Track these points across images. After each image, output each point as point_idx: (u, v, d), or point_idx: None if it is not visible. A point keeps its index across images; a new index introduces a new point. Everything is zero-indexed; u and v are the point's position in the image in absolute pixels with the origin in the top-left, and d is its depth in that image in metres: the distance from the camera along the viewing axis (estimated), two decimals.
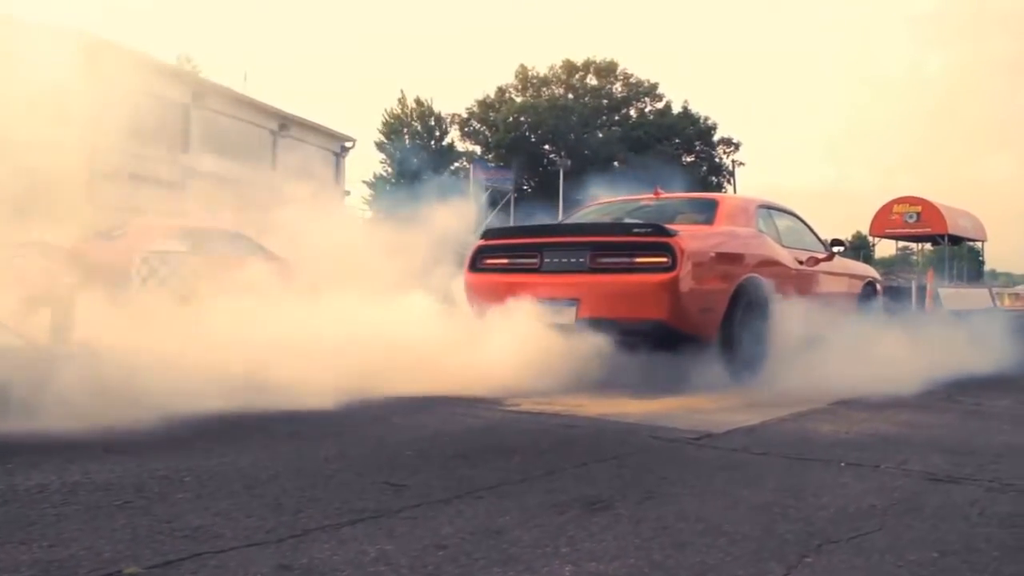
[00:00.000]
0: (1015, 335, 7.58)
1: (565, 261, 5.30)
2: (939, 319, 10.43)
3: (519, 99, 47.01)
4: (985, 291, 18.39)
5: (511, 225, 16.94)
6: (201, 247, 7.90)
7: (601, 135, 46.43)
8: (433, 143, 43.76)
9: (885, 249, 36.39)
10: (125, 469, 2.58)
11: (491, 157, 43.31)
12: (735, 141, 49.24)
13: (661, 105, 48.93)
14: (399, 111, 44.55)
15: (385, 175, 42.20)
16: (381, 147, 43.39)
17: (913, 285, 13.07)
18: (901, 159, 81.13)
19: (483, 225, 9.67)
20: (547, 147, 45.74)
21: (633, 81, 48.89)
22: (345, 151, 26.96)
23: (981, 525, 2.24)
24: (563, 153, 42.47)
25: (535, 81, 47.85)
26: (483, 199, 26.37)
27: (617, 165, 40.41)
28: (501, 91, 47.50)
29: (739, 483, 2.64)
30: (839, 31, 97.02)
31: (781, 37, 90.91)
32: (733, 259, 5.44)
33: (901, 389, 4.78)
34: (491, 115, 46.34)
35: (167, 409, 3.29)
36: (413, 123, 44.78)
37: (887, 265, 28.17)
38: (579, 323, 4.95)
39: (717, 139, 49.42)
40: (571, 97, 47.76)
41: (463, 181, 32.18)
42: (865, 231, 33.45)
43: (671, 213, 5.99)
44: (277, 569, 1.76)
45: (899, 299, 10.84)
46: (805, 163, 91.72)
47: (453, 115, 46.49)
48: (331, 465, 2.76)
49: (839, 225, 55.62)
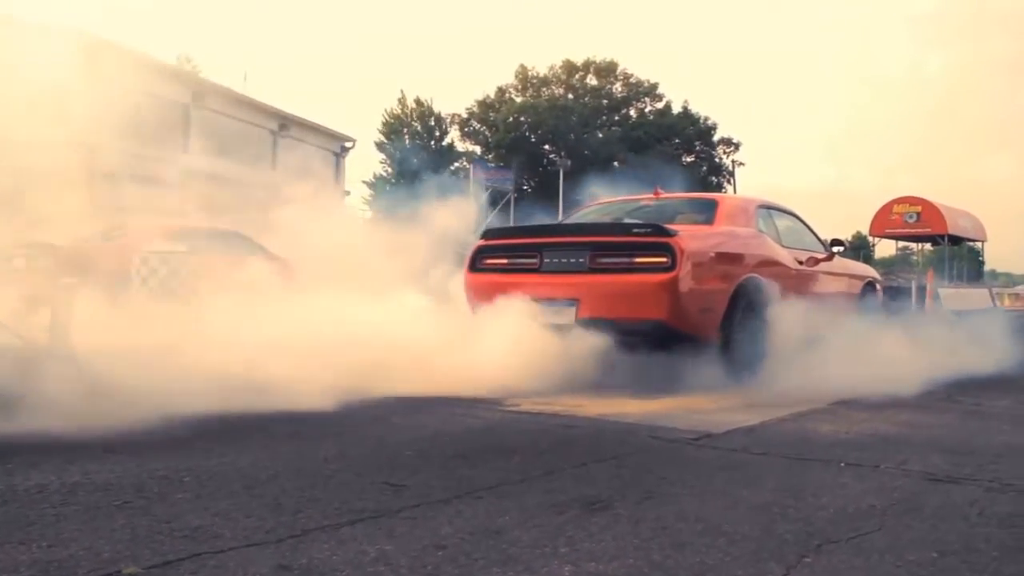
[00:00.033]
0: (1015, 335, 7.58)
1: (565, 261, 5.30)
2: (939, 319, 10.42)
3: (519, 99, 47.00)
4: (985, 291, 18.37)
5: (511, 225, 16.94)
6: (201, 247, 7.90)
7: (601, 135, 46.42)
8: (433, 143, 43.76)
9: (885, 249, 36.40)
10: (125, 469, 2.58)
11: (491, 157, 43.30)
12: (735, 141, 49.31)
13: (661, 105, 48.95)
14: (399, 111, 44.56)
15: (385, 175, 42.21)
16: (381, 147, 43.43)
17: (913, 285, 13.05)
18: (901, 159, 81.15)
19: (483, 225, 9.66)
20: (547, 147, 45.74)
21: (633, 81, 48.89)
22: (345, 151, 26.96)
23: (980, 525, 2.24)
24: (563, 153, 42.47)
25: (535, 81, 47.85)
26: (483, 199, 26.33)
27: (617, 165, 40.40)
28: (501, 91, 47.51)
29: (738, 483, 2.64)
30: (839, 31, 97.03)
31: (781, 37, 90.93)
32: (733, 259, 5.44)
33: (901, 389, 4.78)
34: (491, 115, 46.34)
35: (167, 409, 3.29)
36: (413, 123, 44.78)
37: (887, 265, 28.14)
38: (579, 323, 4.95)
39: (717, 139, 49.46)
40: (571, 97, 47.76)
41: (463, 181, 32.16)
42: (865, 231, 33.44)
43: (671, 213, 5.99)
44: (276, 569, 1.76)
45: (899, 299, 10.82)
46: (805, 163, 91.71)
47: (453, 115, 46.55)
48: (331, 465, 2.76)
49: (839, 225, 55.65)
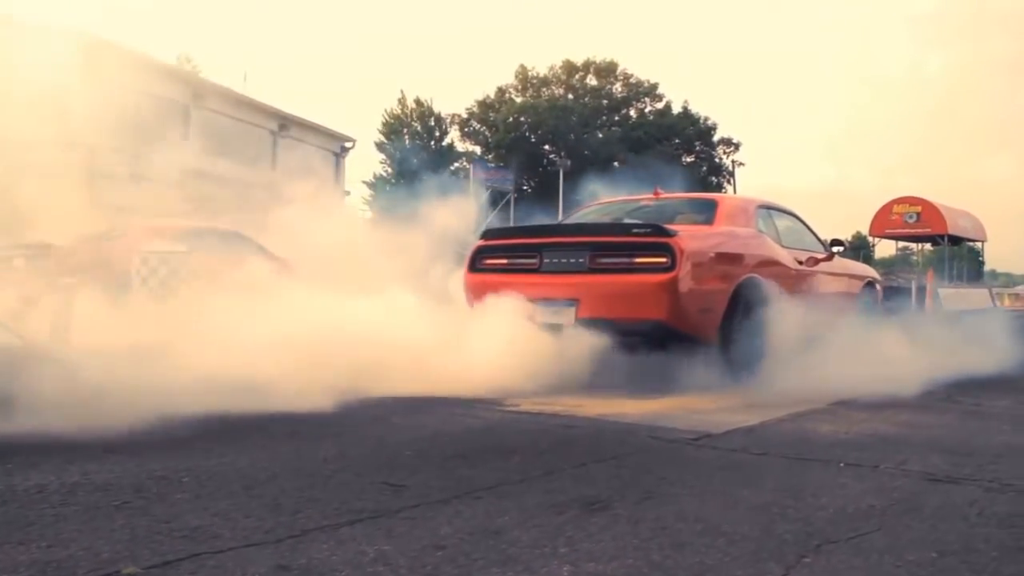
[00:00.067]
0: (1015, 335, 7.58)
1: (564, 261, 5.29)
2: (939, 319, 10.42)
3: (519, 99, 46.98)
4: (985, 291, 18.38)
5: (511, 225, 16.94)
6: (201, 247, 7.89)
7: (601, 135, 46.41)
8: (433, 143, 43.74)
9: (885, 249, 36.38)
10: (124, 469, 2.58)
11: (491, 157, 43.28)
12: (735, 141, 49.29)
13: (661, 105, 48.93)
14: (399, 111, 44.54)
15: (385, 175, 42.21)
16: (381, 147, 43.41)
17: (913, 285, 13.06)
18: (901, 159, 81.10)
19: (483, 225, 9.66)
20: (547, 147, 45.73)
21: (633, 81, 48.87)
22: (345, 151, 26.94)
23: (980, 525, 2.24)
24: (563, 153, 42.45)
25: (535, 81, 47.84)
26: (484, 198, 26.30)
27: (617, 165, 40.39)
28: (501, 91, 47.49)
29: (738, 483, 2.64)
30: (839, 31, 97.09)
31: (781, 37, 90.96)
32: (732, 259, 5.43)
33: (900, 389, 4.77)
34: (491, 115, 46.32)
35: (166, 409, 3.29)
36: (413, 123, 44.77)
37: (887, 265, 28.13)
38: (579, 323, 4.95)
39: (717, 139, 49.44)
40: (571, 97, 47.74)
41: (463, 181, 32.16)
42: (865, 231, 33.42)
43: (671, 213, 5.99)
44: (275, 569, 1.76)
45: (899, 299, 10.83)
46: (805, 163, 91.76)
47: (453, 115, 46.52)
48: (330, 465, 2.76)
49: (839, 225, 55.59)
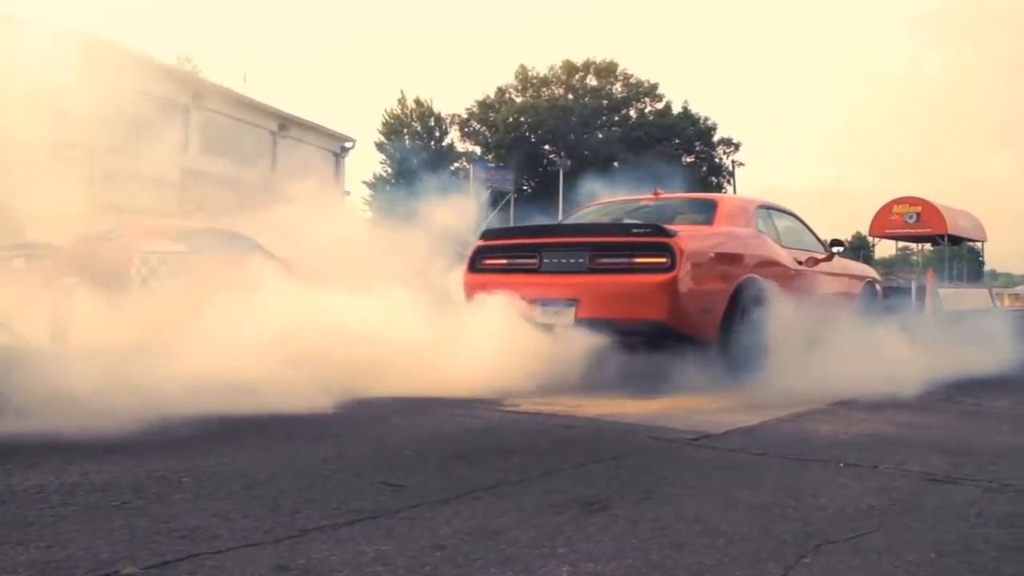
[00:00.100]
0: (1015, 335, 7.58)
1: (564, 261, 5.30)
2: (939, 319, 10.42)
3: (519, 99, 46.98)
4: (985, 291, 18.38)
5: (510, 225, 16.94)
6: (200, 247, 7.89)
7: (601, 135, 46.41)
8: (433, 143, 43.76)
9: (885, 249, 36.39)
10: (123, 469, 2.58)
11: (491, 157, 43.27)
12: (735, 141, 49.25)
13: (661, 105, 48.90)
14: (399, 111, 44.56)
15: (385, 175, 42.21)
16: (381, 147, 43.43)
17: (913, 285, 13.06)
18: (901, 159, 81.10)
19: (483, 225, 9.66)
20: (547, 147, 45.73)
21: (633, 81, 48.85)
22: (345, 151, 26.93)
23: (979, 526, 2.24)
24: (563, 153, 42.45)
25: (535, 81, 47.83)
26: (484, 197, 26.28)
27: (617, 165, 40.39)
28: (501, 91, 47.49)
29: (737, 483, 2.64)
30: (839, 31, 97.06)
31: (781, 37, 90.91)
32: (732, 259, 5.44)
33: (900, 389, 4.77)
34: (491, 115, 46.32)
35: (165, 409, 3.29)
36: (413, 123, 44.78)
37: (887, 265, 28.15)
38: (578, 323, 4.95)
39: (717, 139, 49.40)
40: (571, 97, 47.74)
41: (463, 181, 32.15)
42: (865, 231, 33.42)
43: (670, 213, 5.99)
44: (275, 570, 1.76)
45: (899, 299, 10.82)
46: (805, 163, 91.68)
47: (453, 115, 46.53)
48: (329, 465, 2.76)
49: (839, 225, 55.60)
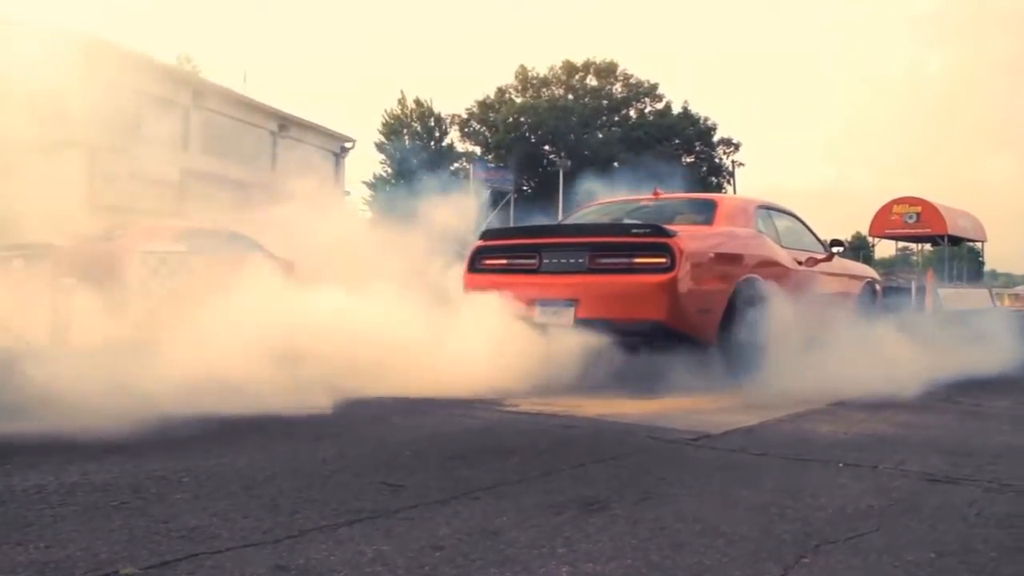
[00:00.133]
0: (1015, 335, 7.58)
1: (564, 262, 5.30)
2: (938, 319, 10.41)
3: (519, 100, 46.96)
4: (985, 291, 18.35)
5: (510, 226, 16.95)
6: (200, 248, 7.90)
7: (601, 135, 46.39)
8: (433, 143, 43.75)
9: (885, 249, 36.33)
10: (123, 470, 2.58)
11: (491, 157, 43.26)
12: (735, 142, 49.20)
13: (661, 106, 48.86)
14: (399, 111, 44.55)
15: (385, 175, 42.22)
16: (381, 147, 43.43)
17: (913, 285, 13.05)
18: (901, 159, 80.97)
19: (483, 225, 9.66)
20: (547, 147, 45.72)
21: (633, 82, 48.82)
22: (345, 151, 26.93)
23: (979, 526, 2.24)
24: (563, 153, 42.44)
25: (535, 82, 47.81)
26: (485, 197, 26.27)
27: (617, 165, 40.39)
28: (501, 91, 47.46)
29: (737, 484, 2.64)
30: (839, 31, 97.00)
31: (781, 37, 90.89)
32: (732, 260, 5.43)
33: (900, 390, 4.77)
34: (491, 116, 46.31)
35: (165, 409, 3.29)
36: (413, 123, 44.77)
37: (887, 265, 28.12)
38: (578, 324, 4.95)
39: (717, 139, 49.34)
40: (571, 98, 47.72)
41: (463, 181, 32.16)
42: (865, 231, 33.40)
43: (670, 214, 5.99)
44: (274, 570, 1.76)
45: (899, 299, 10.82)
46: (805, 163, 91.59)
47: (453, 115, 46.51)
48: (329, 466, 2.76)
49: (839, 225, 55.57)
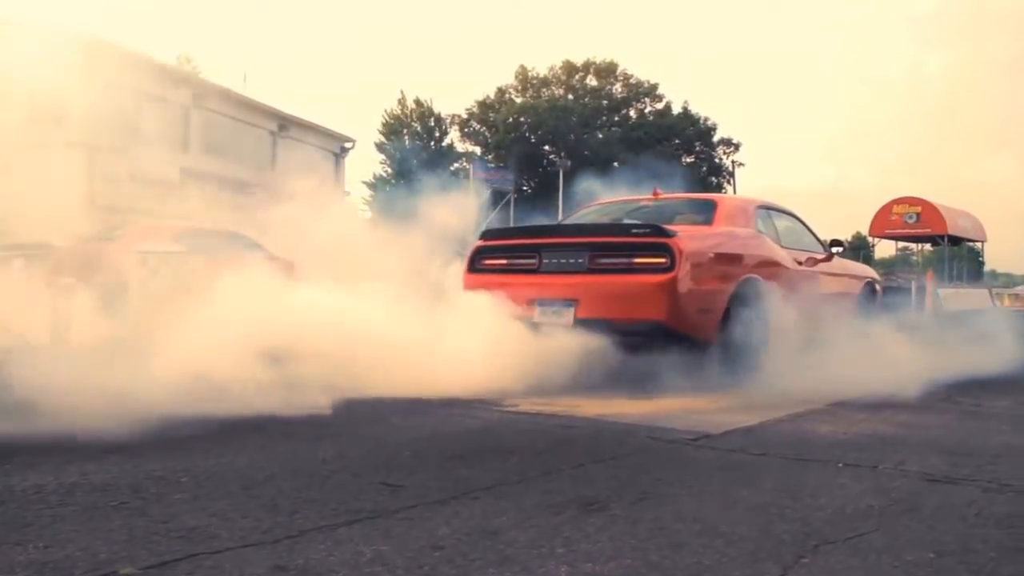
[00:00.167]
0: (1014, 335, 7.58)
1: (564, 262, 5.30)
2: (938, 319, 10.42)
3: (519, 100, 46.95)
4: (985, 291, 18.35)
5: (510, 226, 16.95)
6: (200, 247, 7.90)
7: (601, 136, 46.39)
8: (433, 143, 43.76)
9: (885, 250, 36.30)
10: (122, 470, 2.58)
11: (491, 157, 43.26)
12: (735, 142, 49.19)
13: (661, 106, 48.86)
14: (399, 111, 44.57)
15: (385, 175, 42.23)
16: (381, 147, 43.44)
17: (913, 285, 13.04)
18: (901, 159, 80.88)
19: (483, 225, 9.66)
20: (547, 147, 45.72)
21: (633, 82, 48.82)
22: (345, 151, 26.95)
23: (978, 526, 2.24)
24: (563, 153, 42.44)
25: (535, 82, 47.81)
26: (485, 196, 26.26)
27: (617, 165, 40.38)
28: (501, 92, 47.46)
29: (737, 484, 2.64)
30: (839, 31, 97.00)
31: (781, 37, 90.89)
32: (732, 260, 5.43)
33: (900, 390, 4.76)
34: (491, 116, 46.31)
35: (165, 410, 3.28)
36: (413, 123, 44.79)
37: (887, 265, 28.09)
38: (577, 324, 4.95)
39: (717, 140, 49.34)
40: (571, 98, 47.71)
41: (463, 181, 32.16)
42: (865, 231, 33.38)
43: (670, 214, 5.99)
44: (273, 570, 1.76)
45: (899, 299, 10.81)
46: (805, 163, 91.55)
47: (453, 116, 46.51)
48: (328, 466, 2.76)
49: (839, 225, 55.53)
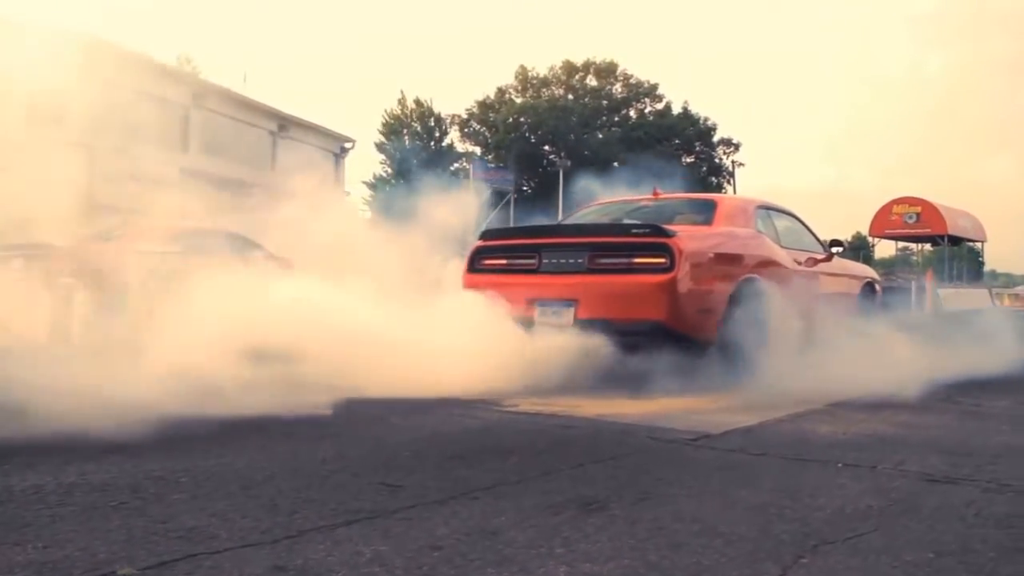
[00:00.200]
0: (1014, 335, 7.58)
1: (563, 262, 5.30)
2: (938, 319, 10.42)
3: (519, 100, 46.96)
4: (984, 291, 18.37)
5: (510, 226, 16.95)
6: (199, 247, 7.89)
7: (601, 136, 46.39)
8: (433, 143, 43.77)
9: (885, 250, 36.30)
10: (121, 470, 2.58)
11: (491, 157, 43.27)
12: (735, 142, 49.22)
13: (661, 106, 48.89)
14: (399, 111, 44.58)
15: (385, 175, 42.23)
16: (381, 147, 43.45)
17: (913, 285, 13.05)
18: (901, 159, 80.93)
19: (483, 225, 9.67)
20: (547, 147, 45.72)
21: (633, 82, 48.83)
22: (345, 151, 26.96)
23: (978, 526, 2.24)
24: (563, 153, 42.44)
25: (535, 82, 47.81)
26: (486, 195, 26.26)
27: (617, 165, 40.38)
28: (501, 92, 47.47)
29: (736, 484, 2.64)
30: (839, 31, 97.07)
31: (781, 37, 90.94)
32: (732, 260, 5.43)
33: (900, 390, 4.75)
34: (491, 116, 46.32)
35: (164, 410, 3.28)
36: (413, 123, 44.80)
37: (887, 265, 28.09)
38: (577, 324, 4.95)
39: (717, 140, 49.37)
40: (571, 98, 47.72)
41: (463, 181, 32.16)
42: (865, 231, 33.38)
43: (670, 214, 5.99)
44: (272, 570, 1.76)
45: (899, 299, 10.81)
46: (805, 163, 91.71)
47: (453, 116, 46.53)
48: (328, 466, 2.76)
49: (839, 225, 55.61)
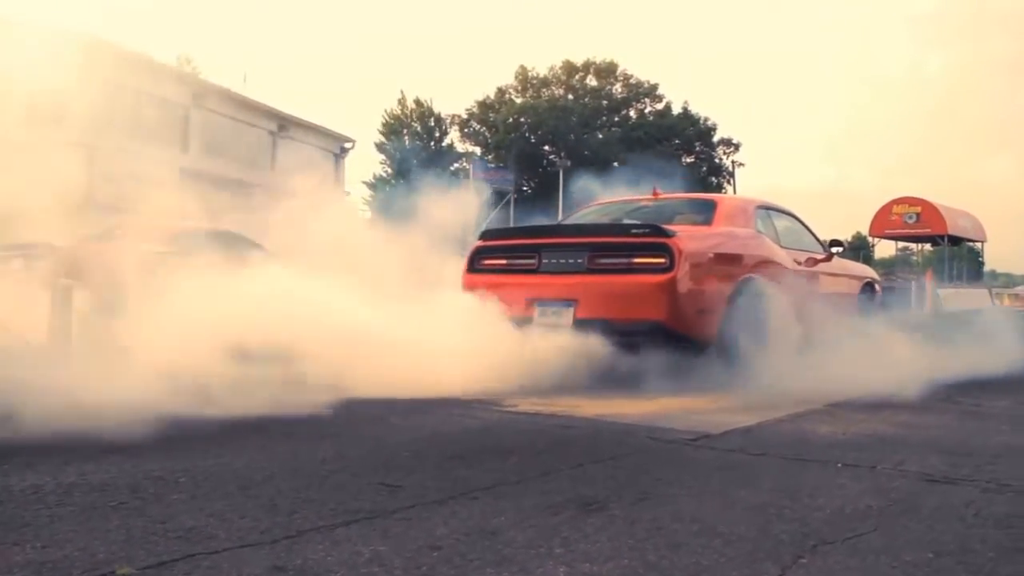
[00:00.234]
0: (1014, 335, 7.58)
1: (563, 262, 5.30)
2: (938, 319, 10.42)
3: (519, 100, 46.97)
4: (984, 291, 18.38)
5: (509, 226, 16.95)
6: (199, 247, 7.89)
7: (601, 136, 46.40)
8: (433, 144, 43.78)
9: (885, 250, 36.31)
10: (121, 470, 2.58)
11: (491, 157, 43.28)
12: (735, 142, 49.23)
13: (661, 106, 48.90)
14: (399, 111, 44.60)
15: (385, 175, 42.24)
16: (381, 147, 43.46)
17: (912, 285, 13.06)
18: (901, 159, 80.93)
19: (483, 225, 9.67)
20: (547, 148, 45.73)
21: (633, 82, 48.85)
22: (345, 152, 26.99)
23: (977, 526, 2.24)
24: (563, 154, 42.45)
25: (535, 82, 47.82)
26: (486, 195, 26.28)
27: (617, 165, 40.38)
28: (501, 92, 47.48)
29: (735, 484, 2.64)
30: (839, 31, 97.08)
31: (781, 37, 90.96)
32: (731, 260, 5.44)
33: (899, 390, 4.75)
34: (491, 116, 46.33)
35: (163, 409, 3.28)
36: (413, 124, 44.81)
37: (887, 265, 28.10)
38: (577, 324, 4.95)
39: (717, 140, 49.39)
40: (571, 98, 47.72)
41: (463, 181, 32.16)
42: (865, 231, 33.40)
43: (670, 214, 6.00)
44: (271, 570, 1.75)
45: (898, 299, 10.82)
46: (805, 163, 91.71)
47: (453, 116, 46.55)
48: (327, 466, 2.76)
49: (839, 225, 55.64)
